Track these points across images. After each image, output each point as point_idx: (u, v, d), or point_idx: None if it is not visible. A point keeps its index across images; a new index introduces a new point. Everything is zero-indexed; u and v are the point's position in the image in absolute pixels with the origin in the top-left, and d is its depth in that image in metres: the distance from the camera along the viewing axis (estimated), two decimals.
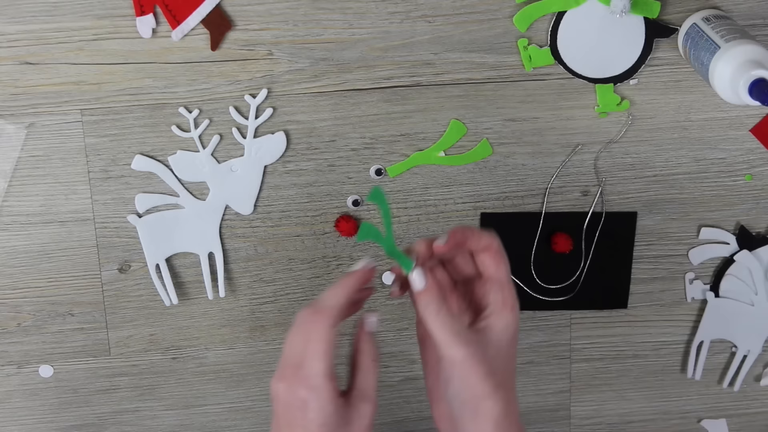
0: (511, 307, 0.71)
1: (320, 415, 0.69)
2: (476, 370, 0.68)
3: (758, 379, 0.98)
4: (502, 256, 0.72)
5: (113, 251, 0.89)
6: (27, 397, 0.92)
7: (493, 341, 0.70)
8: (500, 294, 0.71)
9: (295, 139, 0.87)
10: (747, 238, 0.92)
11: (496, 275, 0.72)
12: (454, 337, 0.68)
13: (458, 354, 0.68)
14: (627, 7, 0.82)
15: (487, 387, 0.68)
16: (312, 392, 0.69)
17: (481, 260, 0.73)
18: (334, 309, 0.70)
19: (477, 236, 0.72)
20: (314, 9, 0.83)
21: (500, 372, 0.70)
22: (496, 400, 0.69)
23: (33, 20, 0.81)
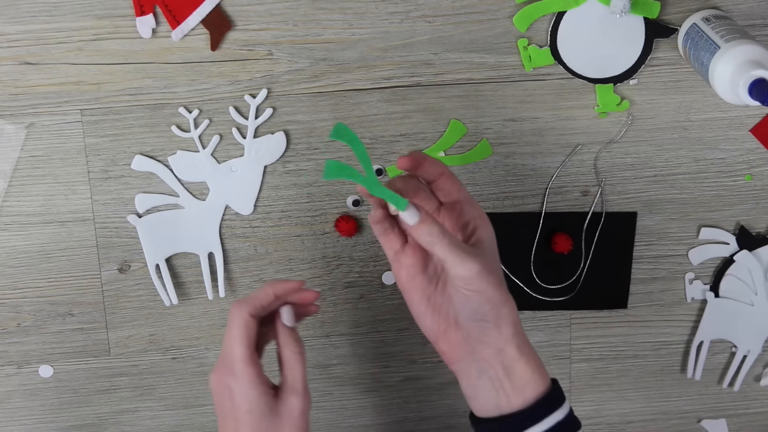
0: (486, 217, 0.74)
1: (245, 401, 0.72)
2: (490, 280, 0.70)
3: (758, 379, 0.98)
4: (457, 178, 0.74)
5: (113, 251, 0.89)
6: (27, 397, 0.92)
7: (488, 250, 0.73)
8: (473, 209, 0.73)
9: (295, 139, 0.87)
10: (747, 238, 0.92)
11: (461, 195, 0.74)
12: (465, 254, 0.69)
13: (474, 268, 0.69)
14: (627, 7, 0.82)
15: (503, 293, 0.71)
16: (234, 378, 0.72)
17: (441, 186, 0.74)
18: (254, 300, 0.73)
19: (432, 162, 0.73)
20: (314, 9, 0.83)
21: (503, 279, 0.72)
22: (511, 305, 0.72)
23: (33, 20, 0.81)
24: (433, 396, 0.96)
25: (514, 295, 0.93)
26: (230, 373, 0.73)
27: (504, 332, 0.71)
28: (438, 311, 0.73)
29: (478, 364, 0.72)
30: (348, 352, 0.95)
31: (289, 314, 0.75)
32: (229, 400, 0.73)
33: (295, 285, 0.75)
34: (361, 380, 0.96)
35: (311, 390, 0.95)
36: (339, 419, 0.97)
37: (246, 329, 0.73)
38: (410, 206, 0.68)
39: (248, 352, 0.73)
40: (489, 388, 0.72)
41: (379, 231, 0.72)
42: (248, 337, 0.73)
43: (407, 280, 0.73)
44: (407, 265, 0.73)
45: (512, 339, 0.71)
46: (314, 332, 0.93)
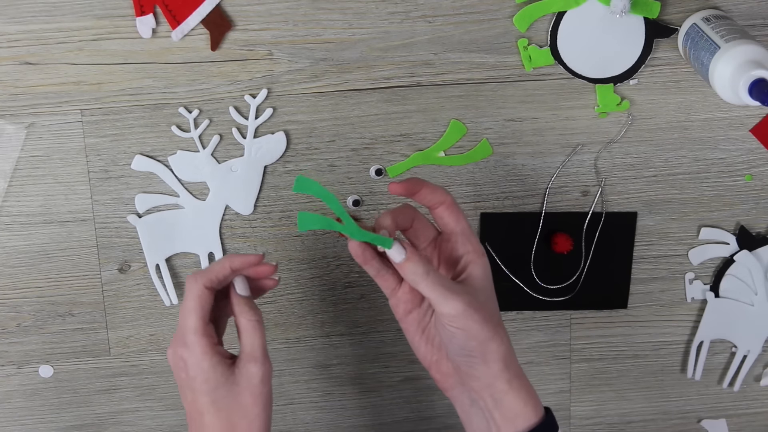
0: (482, 252, 0.74)
1: (198, 371, 0.73)
2: (476, 318, 0.70)
3: (758, 379, 0.98)
4: (458, 208, 0.74)
5: (113, 251, 0.89)
6: (27, 397, 0.92)
7: (479, 288, 0.73)
8: (468, 243, 0.74)
9: (295, 139, 0.87)
10: (747, 238, 0.92)
11: (458, 227, 0.74)
12: (449, 292, 0.70)
13: (457, 306, 0.70)
14: (627, 7, 0.82)
15: (489, 330, 0.71)
16: (186, 349, 0.73)
17: (440, 215, 0.74)
18: (210, 273, 0.74)
19: (431, 188, 0.73)
20: (314, 9, 0.83)
21: (494, 314, 0.72)
22: (500, 340, 0.72)
23: (33, 20, 0.81)
24: (433, 396, 0.97)
25: (514, 295, 0.93)
26: (183, 344, 0.73)
27: (492, 368, 0.71)
28: (431, 342, 0.75)
29: (470, 394, 0.73)
30: (348, 352, 0.95)
31: (242, 283, 0.76)
32: (184, 372, 0.74)
33: (252, 259, 0.75)
34: (361, 380, 0.96)
35: (312, 390, 0.95)
36: (339, 419, 0.97)
37: (200, 300, 0.73)
38: (396, 244, 0.69)
39: (201, 324, 0.73)
40: (480, 417, 0.73)
41: (372, 272, 0.73)
42: (202, 308, 0.73)
43: (403, 315, 0.75)
44: (404, 300, 0.75)
45: (501, 374, 0.72)
46: (314, 332, 0.93)
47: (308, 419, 0.96)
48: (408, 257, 0.70)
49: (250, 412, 0.73)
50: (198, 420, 0.74)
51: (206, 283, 0.74)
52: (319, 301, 0.92)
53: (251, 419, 0.73)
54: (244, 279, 0.76)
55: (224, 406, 0.73)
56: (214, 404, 0.73)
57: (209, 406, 0.73)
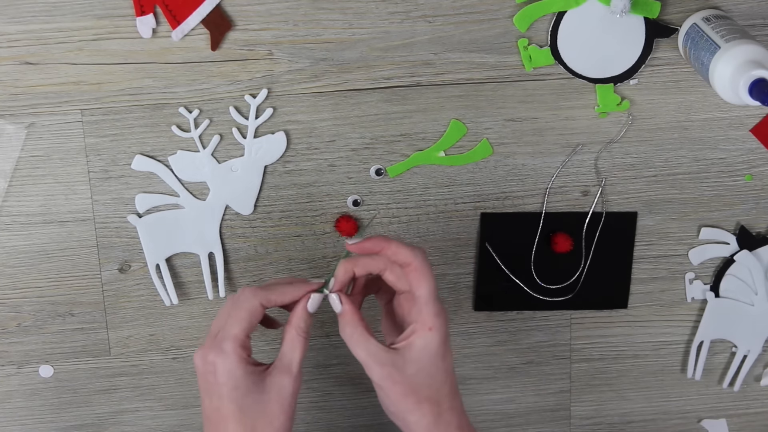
0: (430, 326, 0.73)
1: (229, 378, 0.73)
2: (394, 389, 0.72)
3: (758, 379, 0.98)
4: (423, 272, 0.73)
5: (113, 251, 0.89)
6: (27, 397, 0.92)
7: (413, 359, 0.73)
8: (422, 313, 0.73)
9: (295, 139, 0.87)
10: (747, 238, 0.92)
11: (417, 293, 0.74)
12: (369, 359, 0.72)
13: (374, 374, 0.72)
14: (627, 7, 0.82)
15: (409, 403, 0.72)
16: (220, 356, 0.72)
17: (406, 275, 0.75)
18: (272, 293, 0.74)
19: (395, 249, 0.74)
20: (314, 9, 0.83)
21: (425, 388, 0.73)
22: (421, 414, 0.72)
23: (33, 20, 0.81)
24: None
25: (514, 294, 0.93)
26: (217, 350, 0.73)
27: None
28: None
29: None
30: (348, 352, 0.94)
31: (316, 303, 0.76)
32: (213, 376, 0.73)
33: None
34: (361, 380, 0.96)
35: (312, 390, 0.95)
36: (339, 419, 0.97)
37: (251, 315, 0.74)
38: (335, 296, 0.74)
39: (244, 336, 0.74)
40: None
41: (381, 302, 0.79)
42: (250, 323, 0.74)
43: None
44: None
45: None
46: (314, 332, 0.93)
47: (308, 419, 0.96)
48: (343, 312, 0.74)
49: (276, 421, 0.73)
50: (221, 426, 0.73)
51: (264, 302, 0.74)
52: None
53: (276, 428, 0.73)
54: (320, 299, 0.76)
55: (250, 413, 0.72)
56: (241, 411, 0.72)
57: (236, 412, 0.72)
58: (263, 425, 0.73)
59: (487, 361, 0.96)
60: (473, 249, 0.92)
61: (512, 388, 0.97)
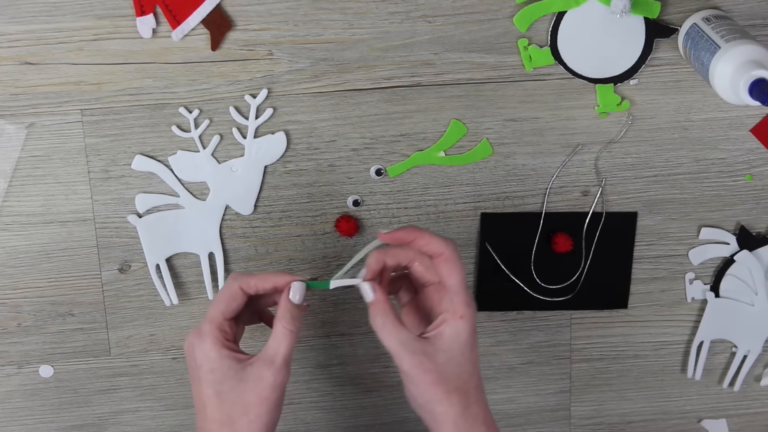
0: (461, 315, 0.73)
1: (205, 360, 0.73)
2: (423, 378, 0.71)
3: (758, 379, 0.98)
4: (454, 263, 0.74)
5: (113, 251, 0.89)
6: (27, 397, 0.92)
7: (444, 348, 0.72)
8: (452, 303, 0.73)
9: (296, 139, 0.87)
10: (747, 238, 0.92)
11: (448, 282, 0.74)
12: (400, 347, 0.71)
13: (404, 363, 0.71)
14: (627, 7, 0.82)
15: (438, 393, 0.71)
16: (198, 337, 0.73)
17: (436, 266, 0.75)
18: (252, 278, 0.74)
19: (427, 239, 0.74)
20: (314, 9, 0.83)
21: (454, 378, 0.72)
22: (450, 404, 0.72)
23: (33, 20, 0.81)
24: None
25: (514, 294, 0.93)
26: (197, 333, 0.74)
27: (442, 429, 0.72)
28: None
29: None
30: (348, 352, 0.95)
31: (298, 291, 0.76)
32: (193, 360, 0.74)
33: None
34: (361, 380, 0.96)
35: (312, 390, 0.95)
36: (339, 419, 0.97)
37: (229, 297, 0.74)
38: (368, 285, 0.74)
39: (220, 317, 0.74)
40: None
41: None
42: (227, 304, 0.74)
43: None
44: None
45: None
46: (314, 332, 0.93)
47: (308, 419, 0.96)
48: (374, 301, 0.73)
49: (252, 412, 0.72)
50: (202, 412, 0.73)
51: (243, 285, 0.75)
52: (319, 301, 0.92)
53: (251, 418, 0.72)
54: (303, 287, 0.76)
55: (227, 399, 0.72)
56: (218, 396, 0.72)
57: (213, 397, 0.73)
58: (238, 414, 0.72)
59: (488, 361, 0.96)
60: (473, 249, 0.92)
61: (512, 388, 0.97)
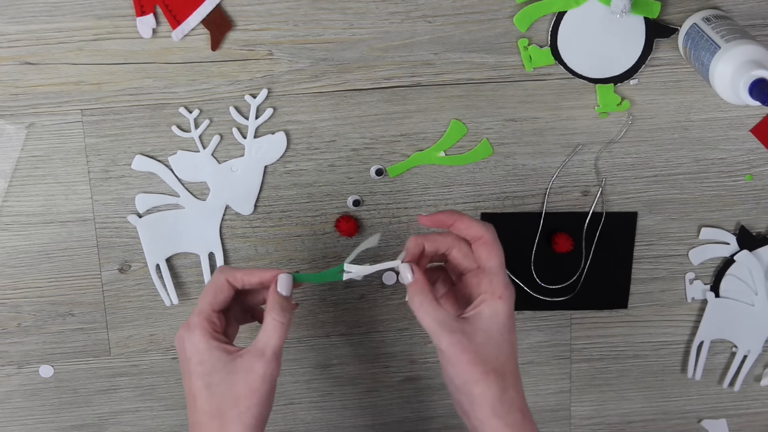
0: (500, 295, 0.73)
1: (194, 351, 0.73)
2: (462, 358, 0.71)
3: (758, 379, 0.98)
4: (494, 245, 0.74)
5: (113, 251, 0.89)
6: (27, 397, 0.92)
7: (482, 327, 0.72)
8: (491, 284, 0.73)
9: (296, 139, 0.87)
10: (747, 238, 0.92)
11: (487, 265, 0.74)
12: (438, 327, 0.71)
13: (443, 342, 0.71)
14: (627, 7, 0.82)
15: (476, 373, 0.71)
16: (187, 330, 0.73)
17: (475, 249, 0.75)
18: (238, 272, 0.75)
19: (467, 222, 0.75)
20: (314, 9, 0.83)
21: (492, 359, 0.71)
22: (487, 386, 0.71)
23: (33, 20, 0.81)
24: (433, 396, 0.97)
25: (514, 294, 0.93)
26: (186, 326, 0.74)
27: (478, 412, 0.71)
28: None
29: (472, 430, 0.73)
30: (348, 352, 0.95)
31: (285, 283, 0.76)
32: (182, 353, 0.74)
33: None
34: (361, 380, 0.96)
35: (312, 390, 0.95)
36: (339, 419, 0.97)
37: (215, 289, 0.75)
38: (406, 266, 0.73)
39: (208, 308, 0.74)
40: None
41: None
42: (214, 296, 0.75)
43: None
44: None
45: (488, 420, 0.71)
46: (314, 332, 0.93)
47: (308, 419, 0.96)
48: (413, 281, 0.73)
49: (242, 403, 0.72)
50: (192, 405, 0.73)
51: (229, 278, 0.75)
52: (319, 301, 0.92)
53: (242, 410, 0.72)
54: (289, 279, 0.76)
55: (217, 392, 0.72)
56: (208, 388, 0.72)
57: (203, 390, 0.72)
58: (228, 406, 0.72)
59: None
60: None
61: None
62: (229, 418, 0.72)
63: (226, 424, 0.71)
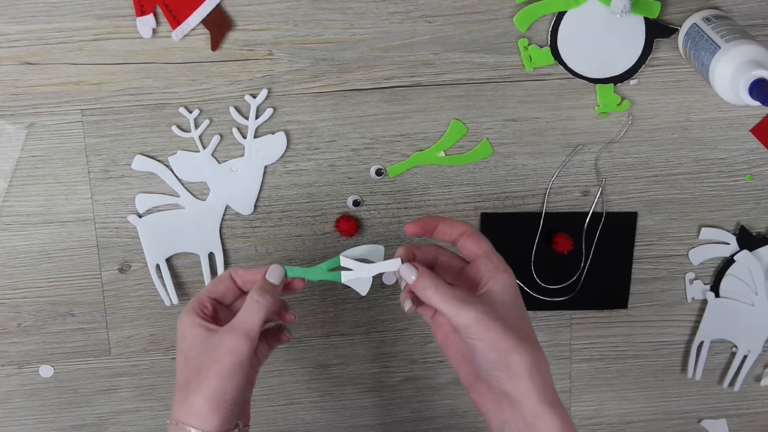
0: (504, 269, 0.73)
1: (180, 329, 0.75)
2: (492, 326, 0.70)
3: (758, 379, 0.98)
4: (480, 235, 0.75)
5: (113, 251, 0.89)
6: (27, 397, 0.92)
7: (498, 301, 0.72)
8: (489, 263, 0.74)
9: (296, 139, 0.87)
10: (747, 238, 0.92)
11: (480, 250, 0.74)
12: (461, 303, 0.70)
13: (470, 316, 0.70)
14: (627, 7, 0.82)
15: (510, 341, 0.70)
16: (182, 313, 0.75)
17: (462, 245, 0.75)
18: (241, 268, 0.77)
19: (448, 222, 0.75)
20: (314, 9, 0.83)
21: (517, 328, 0.71)
22: (524, 353, 0.70)
23: (33, 20, 0.81)
24: (433, 396, 0.97)
25: None
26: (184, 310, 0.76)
27: (519, 384, 0.70)
28: (469, 364, 0.74)
29: (503, 415, 0.71)
30: (348, 352, 0.95)
31: (275, 273, 0.76)
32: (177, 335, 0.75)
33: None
34: (361, 380, 0.96)
35: (312, 390, 0.95)
36: (339, 419, 0.97)
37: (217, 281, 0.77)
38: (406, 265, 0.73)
39: (204, 295, 0.76)
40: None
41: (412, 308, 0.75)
42: (213, 285, 0.77)
43: (443, 339, 0.76)
44: (440, 325, 0.76)
45: (530, 393, 0.69)
46: (314, 332, 0.93)
47: (308, 419, 0.96)
48: (419, 275, 0.72)
49: (203, 374, 0.72)
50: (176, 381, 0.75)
51: (232, 272, 0.77)
52: (319, 301, 0.92)
53: (201, 380, 0.72)
54: (281, 270, 0.76)
55: (190, 366, 0.73)
56: (185, 363, 0.73)
57: (182, 365, 0.74)
58: (193, 377, 0.72)
59: None
60: None
61: None
62: (192, 389, 0.72)
63: (189, 393, 0.72)
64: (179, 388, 0.73)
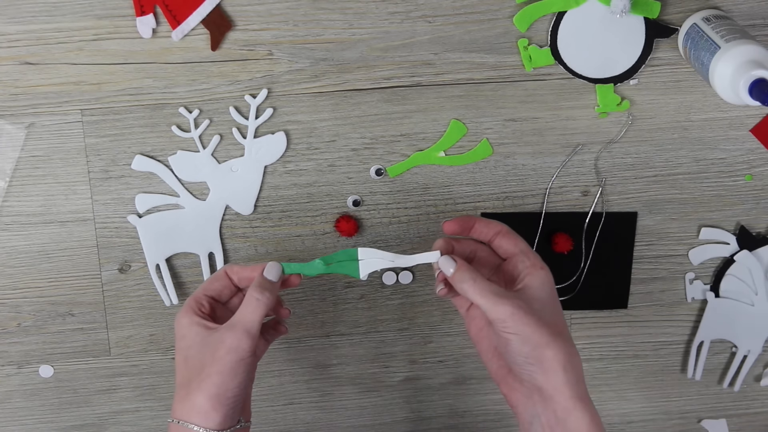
0: (541, 266, 0.75)
1: (179, 328, 0.76)
2: (528, 321, 0.70)
3: (758, 379, 0.98)
4: (516, 234, 0.77)
5: (113, 251, 0.89)
6: (27, 397, 0.92)
7: (534, 296, 0.73)
8: (527, 260, 0.75)
9: (295, 139, 0.87)
10: (747, 238, 0.92)
11: (516, 249, 0.76)
12: (497, 297, 0.71)
13: (506, 310, 0.70)
14: (627, 7, 0.82)
15: (545, 335, 0.70)
16: (180, 312, 0.76)
17: (499, 244, 0.77)
18: (237, 265, 0.78)
19: (485, 222, 0.77)
20: (314, 9, 0.83)
21: (552, 324, 0.72)
22: (558, 348, 0.71)
23: (33, 20, 0.81)
24: (433, 396, 0.97)
25: None
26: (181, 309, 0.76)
27: (551, 378, 0.70)
28: (501, 357, 0.75)
29: (533, 409, 0.72)
30: (348, 352, 0.95)
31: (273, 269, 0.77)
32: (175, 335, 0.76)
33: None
34: (361, 380, 0.96)
35: (312, 390, 0.95)
36: (339, 419, 0.97)
37: (213, 279, 0.78)
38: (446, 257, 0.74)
39: (200, 293, 0.77)
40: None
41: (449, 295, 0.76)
42: (210, 283, 0.78)
43: (476, 332, 0.77)
44: (474, 317, 0.77)
45: (563, 387, 0.70)
46: (314, 332, 0.93)
47: (308, 419, 0.96)
48: (457, 267, 0.73)
49: (204, 372, 0.73)
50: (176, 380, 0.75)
51: (228, 270, 0.78)
52: (319, 301, 0.92)
53: (203, 378, 0.72)
54: (278, 267, 0.77)
55: (190, 364, 0.74)
56: (185, 362, 0.74)
57: (181, 364, 0.74)
58: (194, 375, 0.73)
59: None
60: None
61: None
62: (194, 387, 0.73)
63: (191, 392, 0.73)
64: (179, 387, 0.74)
